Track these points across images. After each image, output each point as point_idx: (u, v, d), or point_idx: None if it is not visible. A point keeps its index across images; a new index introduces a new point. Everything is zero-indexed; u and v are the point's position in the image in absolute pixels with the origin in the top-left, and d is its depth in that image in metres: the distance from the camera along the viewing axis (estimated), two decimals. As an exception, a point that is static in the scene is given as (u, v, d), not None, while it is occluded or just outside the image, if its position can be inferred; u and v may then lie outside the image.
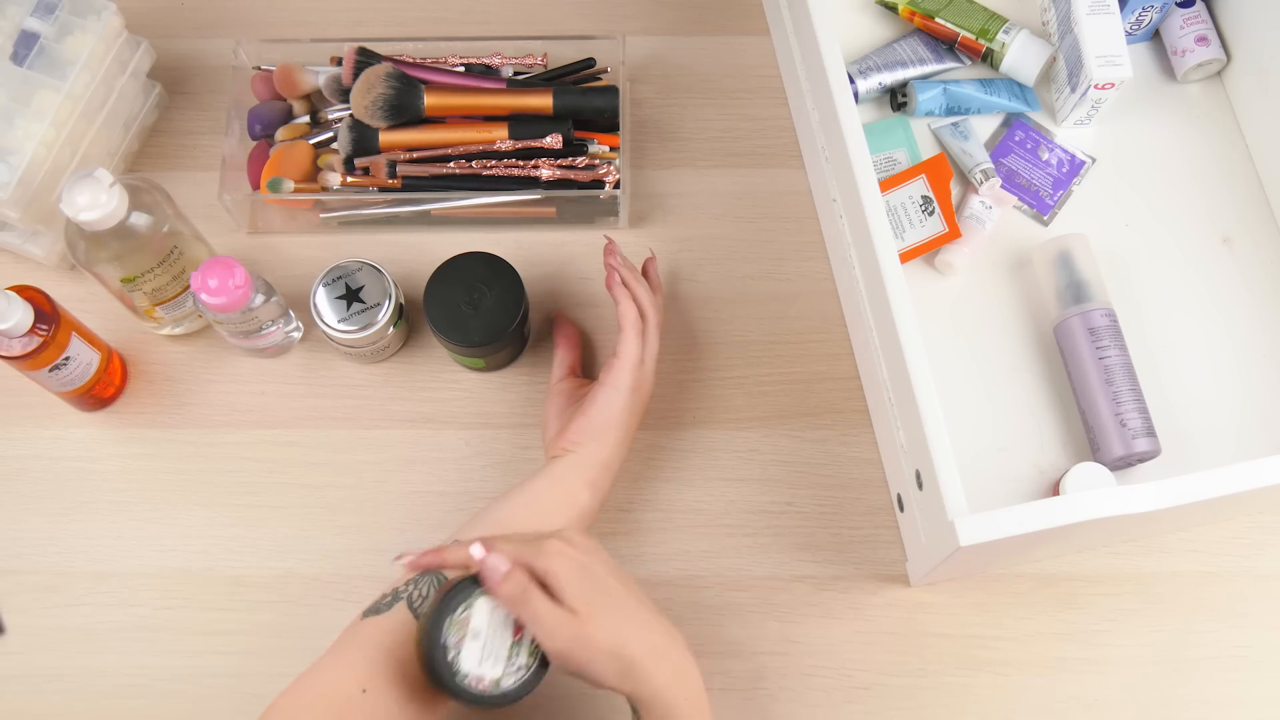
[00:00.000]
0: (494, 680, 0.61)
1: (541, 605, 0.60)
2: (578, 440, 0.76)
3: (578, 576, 0.61)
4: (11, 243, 0.89)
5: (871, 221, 0.75)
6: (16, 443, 0.85)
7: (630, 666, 0.61)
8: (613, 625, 0.61)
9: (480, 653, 0.61)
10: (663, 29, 1.00)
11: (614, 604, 0.62)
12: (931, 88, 0.94)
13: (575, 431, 0.77)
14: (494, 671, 0.61)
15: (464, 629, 0.61)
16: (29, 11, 0.84)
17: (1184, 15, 0.95)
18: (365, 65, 0.89)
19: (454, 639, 0.60)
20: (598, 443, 0.76)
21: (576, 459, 0.76)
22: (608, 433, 0.77)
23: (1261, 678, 0.79)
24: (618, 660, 0.61)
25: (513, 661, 0.61)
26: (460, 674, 0.60)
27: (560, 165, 0.88)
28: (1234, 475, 0.66)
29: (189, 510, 0.84)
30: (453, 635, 0.60)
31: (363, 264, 0.84)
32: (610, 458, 0.77)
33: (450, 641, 0.60)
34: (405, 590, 0.68)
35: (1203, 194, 0.92)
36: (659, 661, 0.62)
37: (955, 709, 0.78)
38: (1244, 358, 0.87)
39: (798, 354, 0.88)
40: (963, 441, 0.83)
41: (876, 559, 0.82)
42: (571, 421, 0.77)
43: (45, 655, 0.80)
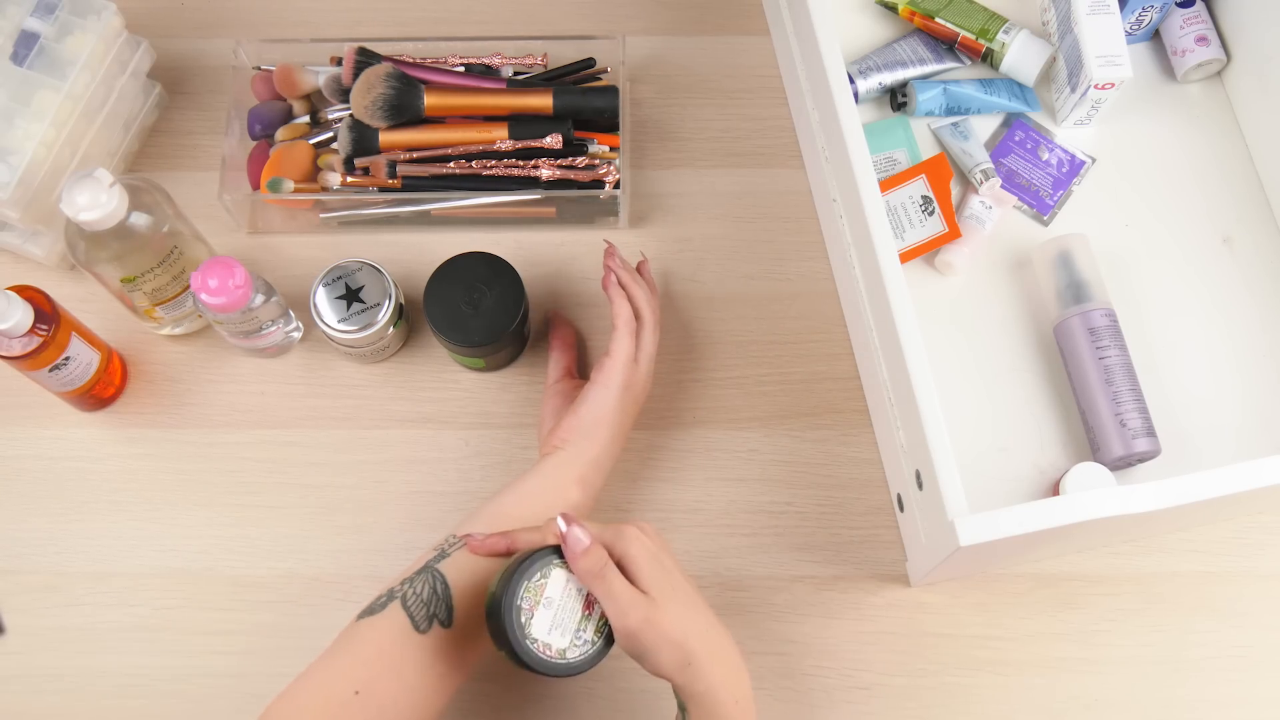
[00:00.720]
0: (560, 650, 0.61)
1: (618, 583, 0.61)
2: (568, 438, 0.77)
3: (652, 564, 0.62)
4: (11, 243, 0.89)
5: (871, 221, 0.75)
6: (16, 443, 0.86)
7: (690, 659, 0.62)
8: (681, 616, 0.62)
9: (551, 621, 0.62)
10: (663, 29, 1.00)
11: (682, 597, 0.63)
12: (931, 88, 0.94)
13: (566, 429, 0.77)
14: (561, 641, 0.62)
15: (539, 595, 0.61)
16: (29, 11, 0.84)
17: (1184, 15, 0.95)
18: (365, 65, 0.89)
19: (528, 604, 0.61)
20: (588, 440, 0.77)
21: (567, 456, 0.76)
22: (598, 430, 0.77)
23: (1261, 678, 0.79)
24: (680, 651, 0.61)
25: (580, 635, 0.62)
26: (530, 638, 0.61)
27: (560, 165, 0.88)
28: (1234, 475, 0.66)
29: (189, 510, 0.84)
30: (527, 600, 0.61)
31: (363, 264, 0.84)
32: (600, 455, 0.77)
33: (524, 605, 0.61)
34: (400, 590, 0.68)
35: (1203, 194, 0.92)
36: (716, 661, 0.63)
37: (955, 709, 0.78)
38: (1244, 358, 0.87)
39: (798, 354, 0.88)
40: (963, 441, 0.83)
41: (876, 559, 0.82)
42: (563, 419, 0.77)
43: (45, 655, 0.80)
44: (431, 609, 0.68)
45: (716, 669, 0.63)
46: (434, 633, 0.67)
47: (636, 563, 0.62)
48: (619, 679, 0.79)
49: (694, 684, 0.62)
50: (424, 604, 0.68)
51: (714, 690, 0.63)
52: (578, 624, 0.62)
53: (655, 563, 0.63)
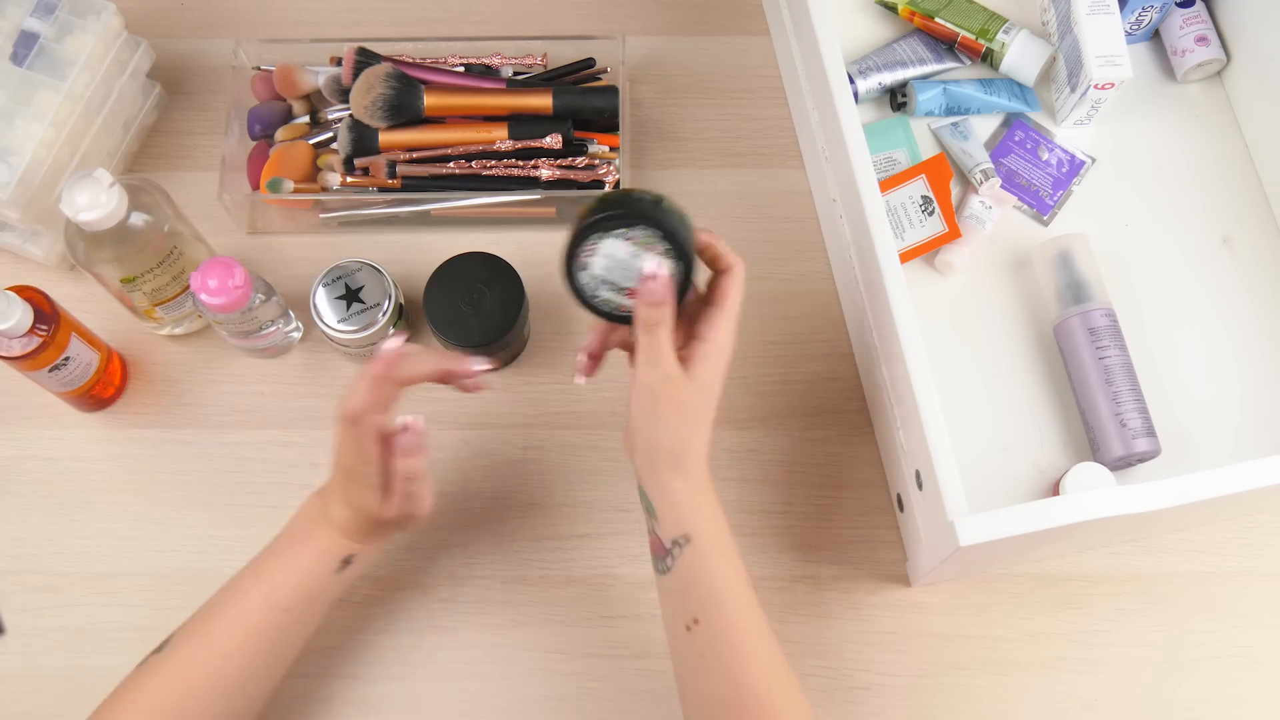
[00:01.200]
0: (601, 288, 0.66)
1: (666, 344, 0.63)
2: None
3: (721, 352, 0.65)
4: (11, 243, 0.89)
5: (871, 221, 0.75)
6: (16, 443, 0.85)
7: (686, 456, 0.65)
8: (701, 418, 0.65)
9: (606, 266, 0.65)
10: (663, 29, 1.00)
11: (713, 407, 0.66)
12: (931, 88, 0.94)
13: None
14: (605, 289, 0.66)
15: (616, 244, 0.64)
16: (29, 11, 0.84)
17: (1184, 15, 0.95)
18: (365, 65, 0.89)
19: (598, 242, 0.64)
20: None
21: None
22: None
23: (1261, 678, 0.79)
24: (681, 440, 0.65)
25: (619, 294, 0.66)
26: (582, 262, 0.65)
27: (560, 165, 0.88)
28: (1234, 475, 0.66)
29: (189, 510, 0.84)
30: (600, 240, 0.64)
31: (363, 264, 0.84)
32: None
33: (595, 241, 0.64)
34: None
35: (1203, 194, 0.92)
36: (704, 481, 0.66)
37: (955, 709, 0.78)
38: (1244, 358, 0.87)
39: (798, 354, 0.88)
40: (963, 441, 0.83)
41: (876, 559, 0.82)
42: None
43: (45, 655, 0.80)
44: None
45: (703, 490, 0.66)
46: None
47: (725, 336, 0.65)
48: (619, 679, 0.79)
49: (675, 479, 0.65)
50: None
51: (696, 483, 0.66)
52: (625, 284, 0.65)
53: (723, 352, 0.65)
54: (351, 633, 0.80)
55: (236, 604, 0.69)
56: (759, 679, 0.65)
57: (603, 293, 0.66)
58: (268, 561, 0.70)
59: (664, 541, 0.67)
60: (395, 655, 0.79)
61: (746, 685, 0.65)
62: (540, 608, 0.80)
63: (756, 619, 0.66)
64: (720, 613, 0.65)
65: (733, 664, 0.65)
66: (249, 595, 0.69)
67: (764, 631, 0.66)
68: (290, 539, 0.71)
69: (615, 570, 0.81)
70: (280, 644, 0.70)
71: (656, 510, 0.67)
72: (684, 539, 0.66)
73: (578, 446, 0.85)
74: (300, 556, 0.70)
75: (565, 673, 0.79)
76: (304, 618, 0.70)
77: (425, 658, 0.79)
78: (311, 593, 0.70)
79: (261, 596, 0.69)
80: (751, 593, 0.67)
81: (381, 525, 0.70)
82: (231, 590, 0.70)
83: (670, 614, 0.68)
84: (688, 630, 0.66)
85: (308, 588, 0.69)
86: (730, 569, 0.67)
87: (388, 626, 0.80)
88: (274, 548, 0.71)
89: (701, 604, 0.66)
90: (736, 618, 0.66)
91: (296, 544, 0.70)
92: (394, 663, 0.79)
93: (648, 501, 0.68)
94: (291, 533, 0.71)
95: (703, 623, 0.65)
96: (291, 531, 0.71)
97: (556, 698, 0.78)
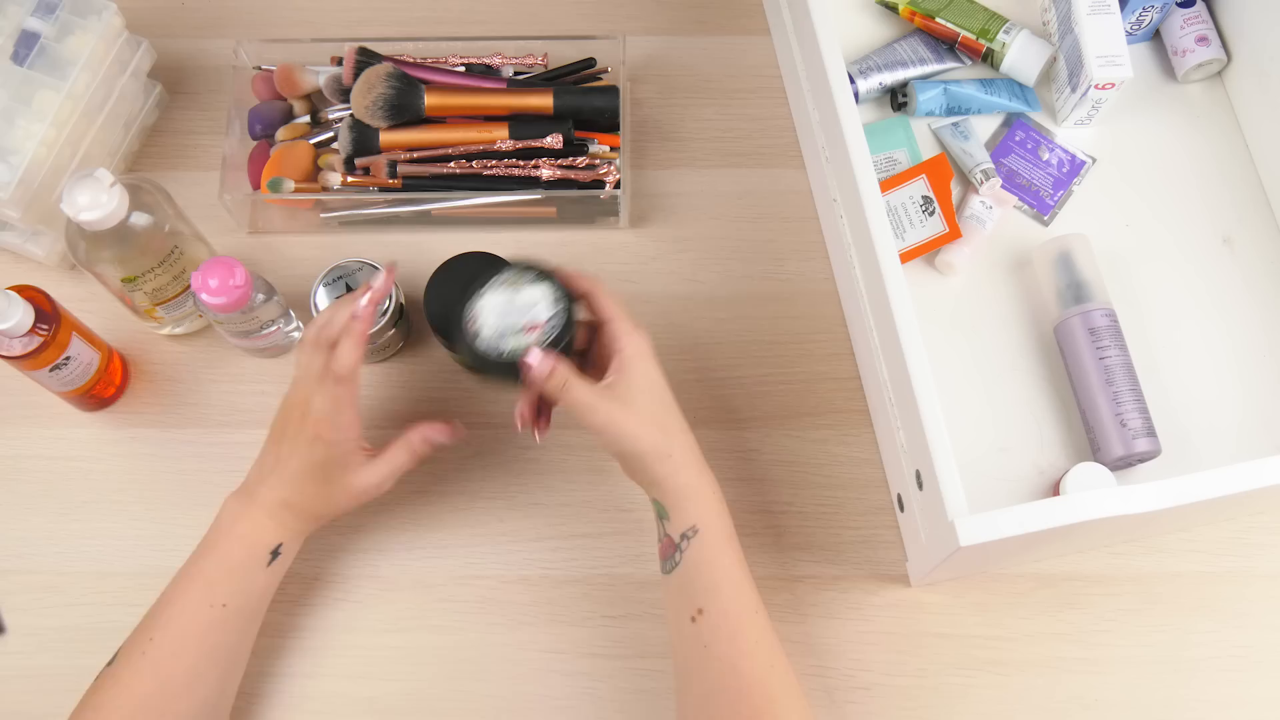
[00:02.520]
0: (504, 340, 0.69)
1: (580, 390, 0.68)
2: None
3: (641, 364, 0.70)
4: (12, 242, 0.89)
5: (872, 221, 0.75)
6: (16, 443, 0.86)
7: (671, 449, 0.69)
8: (656, 411, 0.70)
9: (494, 321, 0.69)
10: (663, 29, 1.00)
11: (659, 396, 0.70)
12: (932, 88, 0.94)
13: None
14: (509, 339, 0.69)
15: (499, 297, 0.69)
16: (29, 11, 0.84)
17: (1184, 15, 0.95)
18: (365, 65, 0.89)
19: (475, 307, 0.69)
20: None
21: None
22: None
23: (1261, 678, 0.79)
24: (662, 436, 0.69)
25: (520, 334, 0.69)
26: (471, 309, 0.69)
27: (561, 165, 0.88)
28: (1234, 475, 0.66)
29: (189, 510, 0.83)
30: (476, 303, 0.69)
31: (363, 264, 0.84)
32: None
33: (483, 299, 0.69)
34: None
35: (1203, 194, 0.92)
36: (698, 468, 0.71)
37: (955, 709, 0.78)
38: (1244, 358, 0.87)
39: (798, 354, 0.88)
40: (963, 441, 0.83)
41: (876, 559, 0.82)
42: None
43: (45, 655, 0.80)
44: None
45: (703, 479, 0.70)
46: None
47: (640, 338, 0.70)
48: (619, 679, 0.79)
49: (675, 475, 0.69)
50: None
51: (697, 478, 0.70)
52: (515, 332, 0.69)
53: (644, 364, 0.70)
54: (352, 633, 0.80)
55: (176, 606, 0.71)
56: (757, 668, 0.67)
57: (508, 344, 0.69)
58: (199, 562, 0.72)
59: (674, 537, 0.69)
60: (395, 655, 0.79)
61: (744, 673, 0.67)
62: (540, 608, 0.80)
63: (757, 609, 0.69)
64: (723, 601, 0.68)
65: (730, 653, 0.67)
66: (186, 595, 0.71)
67: (763, 623, 0.69)
68: (217, 537, 0.73)
69: (615, 570, 0.81)
70: (223, 641, 0.71)
71: (669, 509, 0.70)
72: (692, 530, 0.69)
73: (578, 446, 0.85)
74: (231, 553, 0.72)
75: (565, 673, 0.79)
76: (242, 612, 0.72)
77: (425, 657, 0.79)
78: (245, 587, 0.72)
79: (198, 595, 0.71)
80: (753, 586, 0.70)
81: (342, 496, 0.74)
82: (169, 594, 0.72)
83: (676, 611, 0.69)
84: (692, 622, 0.68)
85: (240, 582, 0.72)
86: (733, 560, 0.70)
87: (388, 626, 0.80)
88: (203, 548, 0.73)
89: (705, 593, 0.68)
90: (739, 606, 0.68)
91: (225, 541, 0.73)
92: (394, 663, 0.79)
93: (659, 507, 0.71)
94: (218, 531, 0.73)
95: (706, 612, 0.68)
96: (217, 530, 0.73)
97: (556, 698, 0.78)
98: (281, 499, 0.73)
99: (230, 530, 0.73)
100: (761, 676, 0.67)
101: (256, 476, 0.74)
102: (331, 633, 0.80)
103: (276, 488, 0.73)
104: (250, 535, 0.72)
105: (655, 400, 0.70)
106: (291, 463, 0.72)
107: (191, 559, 0.73)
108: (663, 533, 0.71)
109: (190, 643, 0.70)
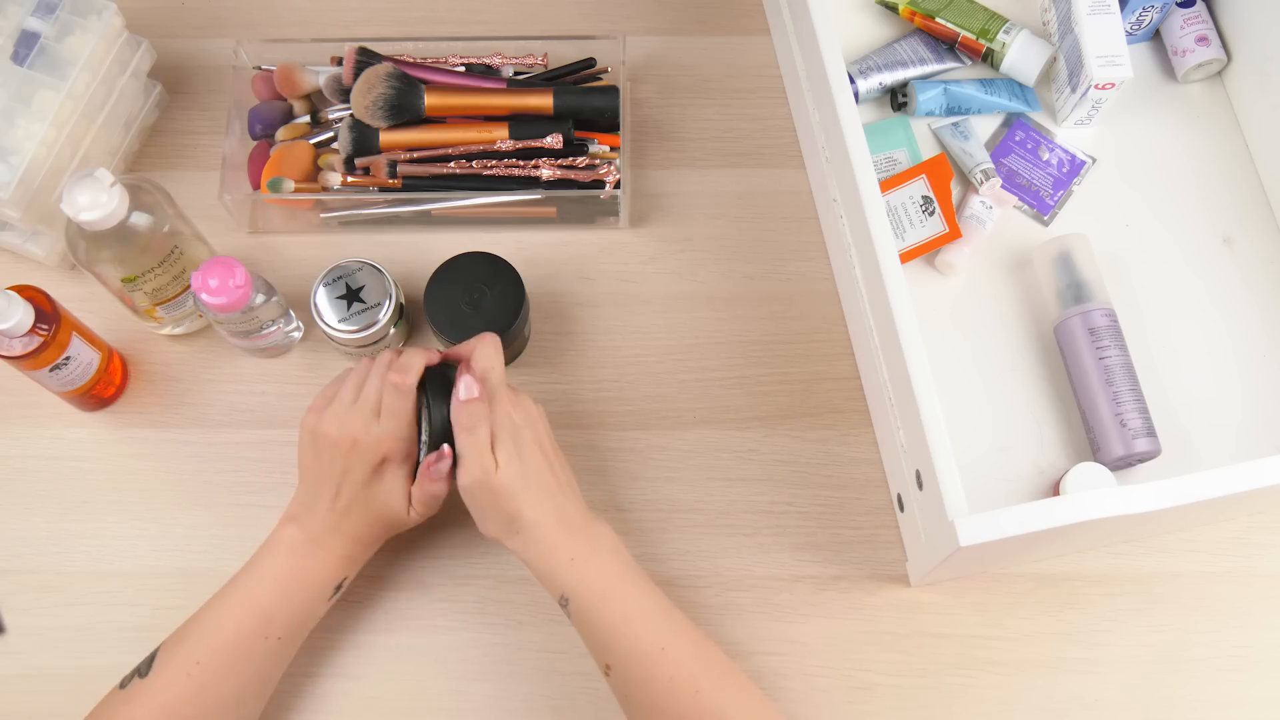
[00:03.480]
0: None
1: (481, 444, 0.69)
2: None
3: (510, 436, 0.71)
4: (12, 242, 0.89)
5: (872, 221, 0.75)
6: (16, 443, 0.86)
7: (519, 526, 0.70)
8: (520, 487, 0.70)
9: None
10: (663, 29, 1.00)
11: (530, 470, 0.71)
12: (932, 88, 0.94)
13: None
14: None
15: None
16: (29, 11, 0.84)
17: (1184, 15, 0.95)
18: (366, 65, 0.89)
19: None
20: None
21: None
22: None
23: (1261, 678, 0.79)
24: (508, 518, 0.70)
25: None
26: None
27: (560, 165, 0.88)
28: (1234, 475, 0.66)
29: (189, 510, 0.84)
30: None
31: (363, 264, 0.84)
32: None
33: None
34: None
35: (1203, 194, 0.92)
36: (556, 528, 0.71)
37: (955, 709, 0.78)
38: (1244, 358, 0.87)
39: (798, 354, 0.88)
40: (963, 441, 0.83)
41: (876, 559, 0.82)
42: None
43: (45, 655, 0.80)
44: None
45: (552, 536, 0.70)
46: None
47: (497, 429, 0.70)
48: (619, 679, 0.79)
49: (526, 550, 0.71)
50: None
51: (551, 552, 0.70)
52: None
53: (512, 436, 0.70)
54: (351, 633, 0.80)
55: (229, 633, 0.70)
56: (679, 703, 0.67)
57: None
58: (253, 589, 0.71)
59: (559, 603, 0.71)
60: (395, 655, 0.79)
61: (669, 711, 0.67)
62: (540, 608, 0.80)
63: (664, 645, 0.69)
64: (621, 653, 0.69)
65: (649, 696, 0.68)
66: (240, 623, 0.70)
67: (675, 654, 0.68)
68: (276, 568, 0.72)
69: (615, 570, 0.81)
70: (272, 671, 0.72)
71: (538, 579, 0.72)
72: (563, 600, 0.70)
73: (578, 446, 0.85)
74: (292, 588, 0.71)
75: (565, 673, 0.79)
76: (293, 642, 0.73)
77: (425, 658, 0.79)
78: (304, 620, 0.73)
79: (253, 625, 0.70)
80: (658, 612, 0.70)
81: (397, 526, 0.75)
82: (219, 618, 0.71)
83: (595, 661, 0.71)
84: (607, 674, 0.70)
85: (300, 616, 0.72)
86: (619, 608, 0.70)
87: (388, 626, 0.80)
88: (259, 575, 0.72)
89: (604, 650, 0.70)
90: (641, 649, 0.68)
91: (286, 575, 0.72)
92: (394, 663, 0.79)
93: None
94: (274, 561, 0.72)
95: (613, 666, 0.69)
96: (274, 560, 0.72)
97: (556, 698, 0.78)
98: (354, 536, 0.73)
99: (291, 564, 0.72)
100: (687, 706, 0.67)
101: (309, 505, 0.73)
102: (331, 633, 0.80)
103: (344, 525, 0.72)
104: (316, 572, 0.72)
105: (521, 484, 0.71)
106: (358, 495, 0.72)
107: (244, 584, 0.72)
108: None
109: (240, 669, 0.70)
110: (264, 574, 0.72)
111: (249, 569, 0.72)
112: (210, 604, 0.72)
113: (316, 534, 0.72)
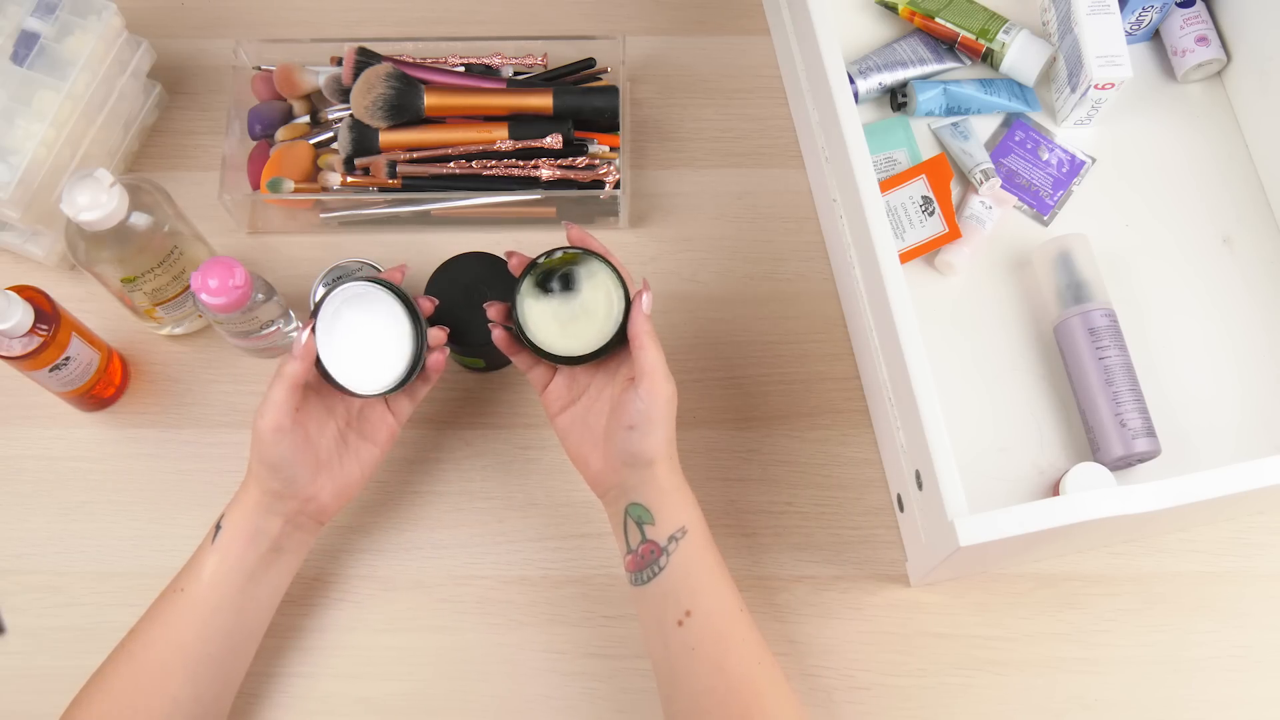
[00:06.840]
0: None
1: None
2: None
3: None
4: (12, 243, 0.89)
5: (871, 221, 0.75)
6: (16, 443, 0.86)
7: (667, 457, 0.70)
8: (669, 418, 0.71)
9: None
10: (663, 29, 1.00)
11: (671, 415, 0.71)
12: (931, 88, 0.94)
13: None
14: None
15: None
16: (29, 11, 0.84)
17: (1184, 15, 0.95)
18: (365, 65, 0.89)
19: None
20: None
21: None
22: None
23: (1261, 678, 0.79)
24: (658, 447, 0.70)
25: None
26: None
27: (560, 165, 0.88)
28: (1234, 475, 0.66)
29: (189, 510, 0.83)
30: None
31: (363, 264, 0.84)
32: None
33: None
34: None
35: (1203, 194, 0.92)
36: (681, 476, 0.72)
37: (955, 709, 0.78)
38: (1244, 358, 0.87)
39: (798, 354, 0.88)
40: (963, 441, 0.83)
41: (876, 559, 0.82)
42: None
43: (45, 655, 0.80)
44: None
45: (685, 485, 0.72)
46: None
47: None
48: (619, 679, 0.79)
49: (669, 475, 0.70)
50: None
51: (681, 479, 0.71)
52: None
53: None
54: (350, 633, 0.80)
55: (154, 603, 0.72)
56: (744, 665, 0.68)
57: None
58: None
59: (659, 542, 0.69)
60: (395, 655, 0.79)
61: (731, 671, 0.67)
62: (540, 608, 0.80)
63: (741, 609, 0.70)
64: (710, 601, 0.69)
65: (716, 653, 0.68)
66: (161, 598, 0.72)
67: (748, 621, 0.70)
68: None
69: (615, 570, 0.81)
70: (190, 633, 0.71)
71: (655, 512, 0.70)
72: (681, 532, 0.70)
73: (578, 446, 0.85)
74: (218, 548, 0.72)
75: (565, 673, 0.79)
76: (203, 602, 0.71)
77: (425, 658, 0.79)
78: (193, 568, 0.72)
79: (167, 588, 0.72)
80: (734, 585, 0.71)
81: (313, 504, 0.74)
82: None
83: (658, 618, 0.69)
84: (679, 626, 0.68)
85: (192, 564, 0.72)
86: (716, 560, 0.71)
87: (388, 626, 0.80)
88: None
89: (693, 595, 0.69)
90: (725, 606, 0.69)
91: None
92: (394, 663, 0.79)
93: (640, 510, 0.70)
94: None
95: (694, 613, 0.68)
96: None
97: (556, 698, 0.78)
98: (263, 489, 0.72)
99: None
100: (749, 674, 0.67)
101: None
102: (330, 633, 0.80)
103: (250, 485, 0.73)
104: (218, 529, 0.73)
105: (670, 410, 0.71)
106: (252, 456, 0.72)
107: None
108: (641, 539, 0.71)
109: (155, 632, 0.71)
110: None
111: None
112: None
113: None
